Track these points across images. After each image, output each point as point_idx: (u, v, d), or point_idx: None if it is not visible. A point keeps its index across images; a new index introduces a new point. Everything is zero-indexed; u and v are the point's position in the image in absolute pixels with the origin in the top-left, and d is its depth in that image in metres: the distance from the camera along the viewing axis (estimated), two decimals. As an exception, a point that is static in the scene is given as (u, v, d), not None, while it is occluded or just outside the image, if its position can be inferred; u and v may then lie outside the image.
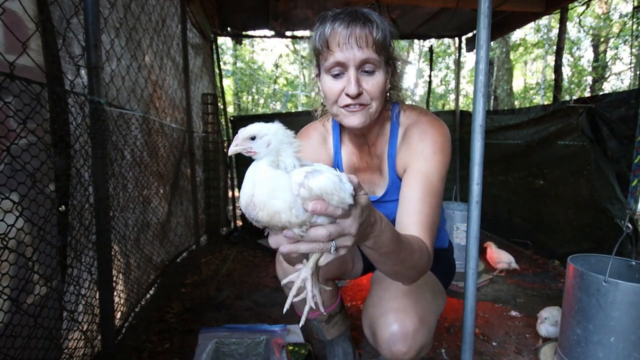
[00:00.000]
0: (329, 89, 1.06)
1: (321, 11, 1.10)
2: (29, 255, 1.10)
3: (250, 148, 0.73)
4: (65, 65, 1.33)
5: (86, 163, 1.41)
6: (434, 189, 1.08)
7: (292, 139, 0.75)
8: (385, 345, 1.08)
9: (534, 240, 3.54)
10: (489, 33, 1.17)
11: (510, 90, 9.64)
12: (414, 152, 1.13)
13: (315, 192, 0.67)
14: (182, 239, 2.89)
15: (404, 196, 1.09)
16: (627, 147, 2.46)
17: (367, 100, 1.05)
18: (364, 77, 1.03)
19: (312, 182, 0.67)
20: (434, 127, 1.15)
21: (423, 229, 1.02)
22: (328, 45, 1.01)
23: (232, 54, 13.73)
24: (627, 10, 9.50)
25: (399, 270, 0.94)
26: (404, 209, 1.07)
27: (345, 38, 0.99)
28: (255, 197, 0.70)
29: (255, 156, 0.73)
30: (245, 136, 0.73)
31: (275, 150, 0.73)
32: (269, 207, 0.69)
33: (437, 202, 1.08)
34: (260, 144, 0.72)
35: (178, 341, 1.96)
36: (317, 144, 1.30)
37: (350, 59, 1.00)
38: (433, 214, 1.06)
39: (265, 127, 0.73)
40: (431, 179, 1.09)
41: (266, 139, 0.72)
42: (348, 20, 1.00)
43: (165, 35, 2.50)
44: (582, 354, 1.55)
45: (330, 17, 1.03)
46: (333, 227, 0.69)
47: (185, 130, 2.94)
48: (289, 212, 0.68)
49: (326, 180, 0.68)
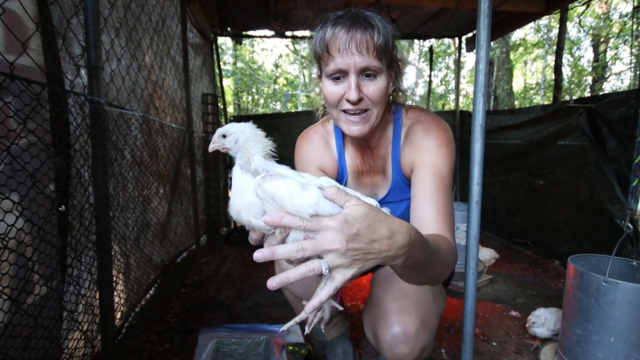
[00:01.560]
0: (329, 93, 1.05)
1: (321, 11, 1.09)
2: (29, 255, 1.10)
3: (223, 145, 0.80)
4: (65, 65, 1.33)
5: (86, 163, 1.41)
6: (445, 180, 1.08)
7: (261, 138, 0.80)
8: (388, 346, 1.08)
9: (534, 240, 3.54)
10: (489, 33, 1.17)
11: (510, 90, 9.64)
12: (419, 148, 1.13)
13: (268, 194, 0.69)
14: (182, 239, 2.89)
15: (417, 189, 1.08)
16: (627, 147, 2.46)
17: (368, 105, 1.03)
18: (365, 82, 1.01)
19: (267, 184, 0.70)
20: (436, 124, 1.15)
21: (442, 221, 1.01)
22: (328, 50, 1.00)
23: (232, 54, 13.73)
24: (627, 10, 9.50)
25: (430, 278, 0.90)
26: (419, 201, 1.06)
27: (346, 43, 0.97)
28: (230, 198, 0.77)
29: (230, 152, 0.80)
30: (219, 134, 0.81)
31: (244, 146, 0.79)
32: (233, 206, 0.75)
33: (449, 194, 1.08)
34: (230, 140, 0.80)
35: (178, 341, 1.96)
36: (319, 147, 1.28)
37: (350, 65, 0.98)
38: (449, 204, 1.06)
39: (234, 125, 0.81)
40: (441, 170, 1.08)
41: (235, 135, 0.79)
42: (349, 24, 0.98)
43: (165, 35, 2.50)
44: (582, 354, 1.55)
45: (331, 21, 1.02)
46: (306, 242, 0.64)
47: (185, 130, 2.94)
48: (247, 212, 0.72)
49: (281, 185, 0.68)
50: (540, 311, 1.98)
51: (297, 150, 1.31)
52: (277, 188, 0.68)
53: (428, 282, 0.95)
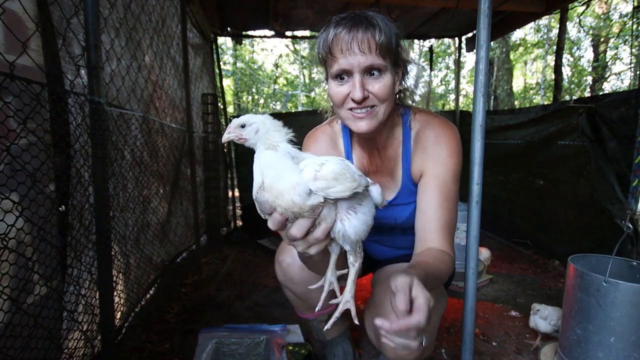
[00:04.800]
0: (335, 94, 1.05)
1: (321, 11, 1.10)
2: (29, 255, 1.10)
3: (240, 135, 0.80)
4: (65, 65, 1.33)
5: (86, 163, 1.41)
6: (451, 193, 1.14)
7: (280, 127, 0.81)
8: (389, 347, 1.08)
9: (534, 240, 3.53)
10: (489, 33, 1.17)
11: (510, 90, 9.65)
12: (430, 157, 1.16)
13: (330, 174, 0.74)
14: (182, 239, 2.89)
15: (423, 204, 1.14)
16: (627, 147, 2.46)
17: (374, 102, 1.04)
18: (369, 80, 1.02)
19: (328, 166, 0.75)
20: (447, 130, 1.17)
21: (443, 236, 1.10)
22: (332, 51, 1.01)
23: (232, 54, 13.74)
24: (627, 10, 9.50)
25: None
26: (424, 216, 1.13)
27: (348, 44, 0.98)
28: (265, 181, 0.76)
29: (246, 143, 0.80)
30: (237, 124, 0.80)
31: (264, 137, 0.79)
32: (273, 187, 0.75)
33: (453, 206, 1.14)
34: (249, 130, 0.80)
35: (178, 341, 1.96)
36: (327, 147, 1.28)
37: (354, 65, 0.99)
38: (451, 217, 1.13)
39: (254, 116, 0.81)
40: (448, 183, 1.13)
41: (255, 126, 0.80)
42: (350, 25, 0.99)
43: (165, 35, 2.50)
44: (582, 354, 1.54)
45: (333, 23, 1.02)
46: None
47: (185, 130, 2.94)
48: (292, 191, 0.73)
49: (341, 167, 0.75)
50: (541, 305, 1.97)
51: (304, 150, 1.31)
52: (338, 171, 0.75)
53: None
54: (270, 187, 0.75)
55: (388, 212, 1.25)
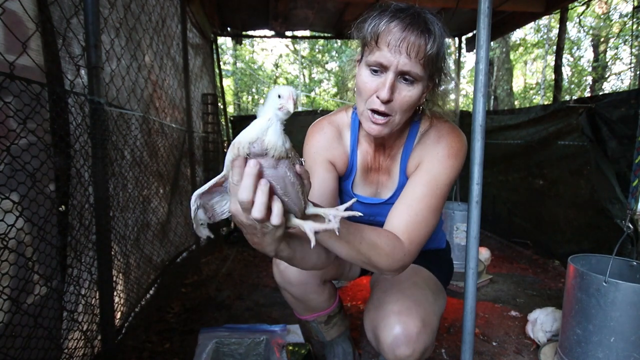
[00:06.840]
0: (363, 84, 1.01)
1: (321, 11, 1.08)
2: (29, 255, 1.10)
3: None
4: (65, 65, 1.33)
5: (86, 163, 1.41)
6: (438, 192, 1.07)
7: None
8: (389, 348, 1.07)
9: (534, 240, 3.54)
10: (489, 33, 1.17)
11: (510, 90, 9.65)
12: (427, 153, 1.12)
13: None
14: (182, 239, 2.89)
15: (405, 192, 1.08)
16: (627, 147, 2.46)
17: (393, 109, 1.00)
18: (400, 84, 0.98)
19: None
20: (452, 133, 1.14)
21: (406, 225, 1.01)
22: (378, 40, 0.96)
23: (232, 54, 13.74)
24: (627, 10, 9.51)
25: (353, 257, 0.94)
26: (399, 204, 1.06)
27: (397, 41, 0.93)
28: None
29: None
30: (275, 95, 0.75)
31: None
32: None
33: (437, 205, 1.07)
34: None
35: (178, 341, 1.96)
36: (331, 139, 1.24)
37: (393, 63, 0.94)
38: (429, 217, 1.04)
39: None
40: (438, 181, 1.07)
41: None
42: (407, 23, 0.94)
43: (165, 35, 2.50)
44: (582, 354, 1.55)
45: (391, 12, 0.97)
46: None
47: (185, 130, 2.94)
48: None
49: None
50: (536, 313, 1.98)
51: (308, 139, 1.26)
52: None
53: (354, 261, 0.97)
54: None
55: (385, 210, 1.25)
